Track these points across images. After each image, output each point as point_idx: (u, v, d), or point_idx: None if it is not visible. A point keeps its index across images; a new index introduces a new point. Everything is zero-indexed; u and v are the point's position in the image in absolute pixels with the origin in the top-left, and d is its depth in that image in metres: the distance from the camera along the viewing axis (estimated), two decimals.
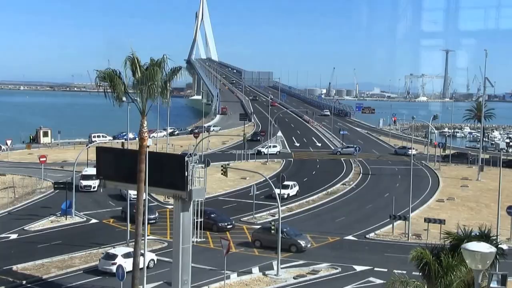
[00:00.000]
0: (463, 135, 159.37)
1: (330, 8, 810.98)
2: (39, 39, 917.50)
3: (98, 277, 38.22)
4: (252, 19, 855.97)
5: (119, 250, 40.16)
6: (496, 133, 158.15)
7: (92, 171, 58.74)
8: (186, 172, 33.24)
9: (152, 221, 49.98)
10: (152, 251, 42.54)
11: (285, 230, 45.27)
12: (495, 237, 25.65)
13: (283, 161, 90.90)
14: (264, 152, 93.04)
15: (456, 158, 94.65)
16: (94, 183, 61.25)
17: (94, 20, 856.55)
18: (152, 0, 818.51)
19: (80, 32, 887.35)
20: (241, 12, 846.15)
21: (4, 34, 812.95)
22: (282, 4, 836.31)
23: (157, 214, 52.70)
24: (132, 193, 50.02)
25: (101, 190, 58.11)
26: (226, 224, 50.84)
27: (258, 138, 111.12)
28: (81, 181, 64.29)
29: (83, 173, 66.01)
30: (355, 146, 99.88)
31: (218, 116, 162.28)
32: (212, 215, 51.06)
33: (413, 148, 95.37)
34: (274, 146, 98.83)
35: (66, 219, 52.55)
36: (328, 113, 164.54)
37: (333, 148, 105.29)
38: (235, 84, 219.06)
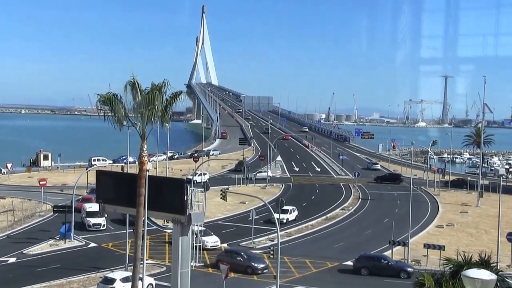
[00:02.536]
0: (462, 160, 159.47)
1: (329, 33, 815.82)
2: (40, 62, 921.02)
3: None
4: (252, 45, 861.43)
5: (118, 274, 40.03)
6: (495, 159, 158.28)
7: (96, 207, 52.88)
8: (185, 196, 33.32)
9: (265, 271, 45.21)
10: (151, 275, 42.33)
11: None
12: (495, 264, 25.62)
13: (283, 185, 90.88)
14: (196, 181, 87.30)
15: (388, 180, 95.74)
16: (103, 220, 57.83)
17: (95, 45, 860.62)
18: (153, 24, 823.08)
19: (81, 56, 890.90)
20: (241, 37, 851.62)
21: (5, 58, 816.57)
22: (282, 30, 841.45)
23: (267, 263, 46.16)
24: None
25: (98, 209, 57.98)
26: (410, 269, 46.09)
27: (242, 168, 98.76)
28: (88, 219, 58.08)
29: (87, 209, 58.61)
30: (266, 170, 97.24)
31: (217, 141, 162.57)
32: (386, 260, 46.85)
33: (379, 164, 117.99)
34: (204, 174, 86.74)
35: (65, 242, 52.43)
36: (307, 129, 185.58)
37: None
38: (241, 113, 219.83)
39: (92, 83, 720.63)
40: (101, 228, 58.05)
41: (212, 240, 51.94)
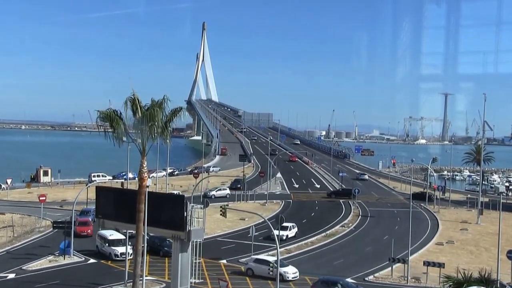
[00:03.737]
0: (462, 178, 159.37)
1: (329, 51, 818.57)
2: (40, 78, 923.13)
3: None
4: (252, 62, 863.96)
5: None
6: (495, 177, 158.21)
7: (118, 235, 51.89)
8: (185, 213, 33.34)
9: None
10: None
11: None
12: (495, 281, 25.62)
13: (282, 202, 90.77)
14: None
15: (341, 195, 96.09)
16: (130, 249, 47.45)
17: (95, 61, 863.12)
18: (154, 41, 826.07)
19: (81, 72, 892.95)
20: (241, 54, 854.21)
21: (5, 73, 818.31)
22: (282, 48, 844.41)
23: None
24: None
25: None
26: None
27: (239, 185, 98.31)
28: (112, 247, 52.28)
29: (109, 237, 52.84)
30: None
31: (217, 157, 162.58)
32: None
33: (367, 174, 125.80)
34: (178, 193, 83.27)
35: (64, 258, 52.24)
36: (298, 142, 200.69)
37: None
38: (245, 132, 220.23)
39: (93, 99, 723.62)
40: (129, 258, 48.63)
41: (292, 271, 48.77)
